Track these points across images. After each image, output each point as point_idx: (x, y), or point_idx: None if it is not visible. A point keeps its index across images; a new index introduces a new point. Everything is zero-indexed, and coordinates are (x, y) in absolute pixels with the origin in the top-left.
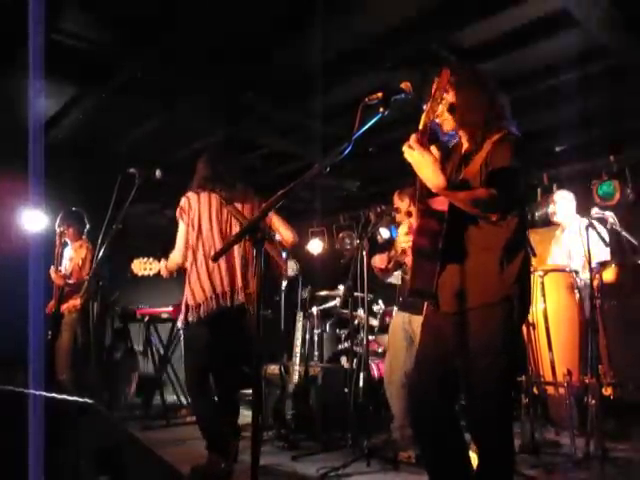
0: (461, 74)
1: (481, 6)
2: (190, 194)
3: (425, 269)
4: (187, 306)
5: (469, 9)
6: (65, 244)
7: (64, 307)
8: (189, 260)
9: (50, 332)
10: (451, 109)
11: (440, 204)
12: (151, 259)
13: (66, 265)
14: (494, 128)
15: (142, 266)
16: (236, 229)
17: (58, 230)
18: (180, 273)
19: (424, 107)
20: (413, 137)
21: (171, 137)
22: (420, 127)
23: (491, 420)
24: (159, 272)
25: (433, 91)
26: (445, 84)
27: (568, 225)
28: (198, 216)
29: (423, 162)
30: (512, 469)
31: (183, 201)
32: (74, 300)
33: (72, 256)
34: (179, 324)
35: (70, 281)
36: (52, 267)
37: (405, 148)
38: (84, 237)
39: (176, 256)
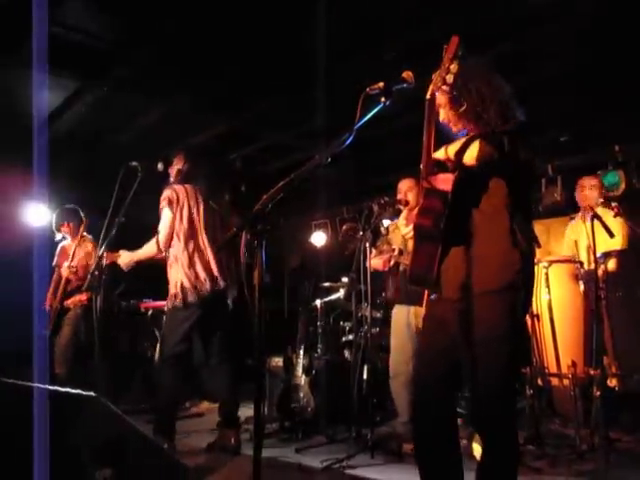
0: (470, 68)
1: None
2: (176, 187)
3: (426, 252)
4: (183, 288)
5: None
6: (64, 239)
7: (69, 301)
8: (179, 248)
9: (50, 327)
10: (458, 108)
11: (444, 183)
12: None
13: (73, 260)
14: (504, 123)
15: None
16: (219, 222)
17: (64, 226)
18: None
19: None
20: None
21: (173, 130)
22: (427, 96)
23: (495, 409)
24: (114, 261)
25: (443, 59)
26: (454, 52)
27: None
28: (188, 208)
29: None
30: (517, 458)
31: (170, 192)
32: (80, 295)
33: (76, 252)
34: (170, 304)
35: (80, 274)
36: (65, 263)
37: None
38: (84, 233)
39: (161, 241)
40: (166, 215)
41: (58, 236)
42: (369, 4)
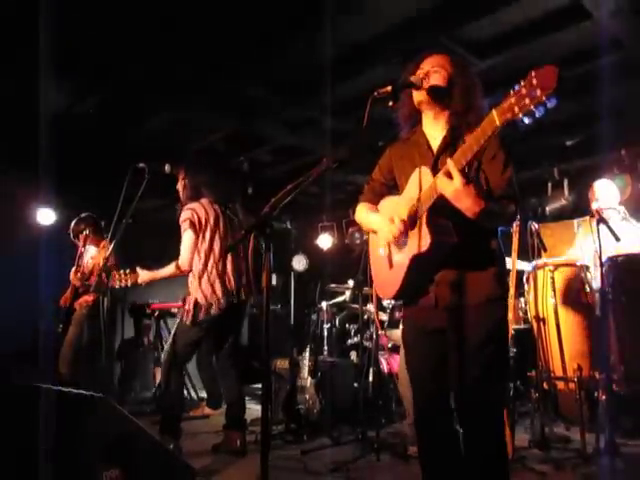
0: (459, 62)
1: None
2: (194, 206)
3: (423, 266)
4: (197, 305)
5: (479, 2)
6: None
7: (77, 303)
8: (199, 266)
9: (61, 325)
10: (435, 92)
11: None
12: (128, 271)
13: (88, 263)
14: (476, 120)
15: (120, 278)
16: (237, 229)
17: (82, 234)
18: None
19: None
20: (450, 163)
21: (181, 132)
22: (498, 123)
23: (490, 407)
24: (136, 282)
25: (528, 87)
26: (554, 85)
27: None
28: (210, 227)
29: (464, 192)
30: (507, 462)
31: (190, 214)
32: (87, 296)
33: (94, 255)
34: (182, 318)
35: (88, 282)
36: (73, 268)
37: (441, 177)
38: (106, 238)
39: (183, 264)
40: (189, 237)
41: (79, 243)
42: (378, 6)
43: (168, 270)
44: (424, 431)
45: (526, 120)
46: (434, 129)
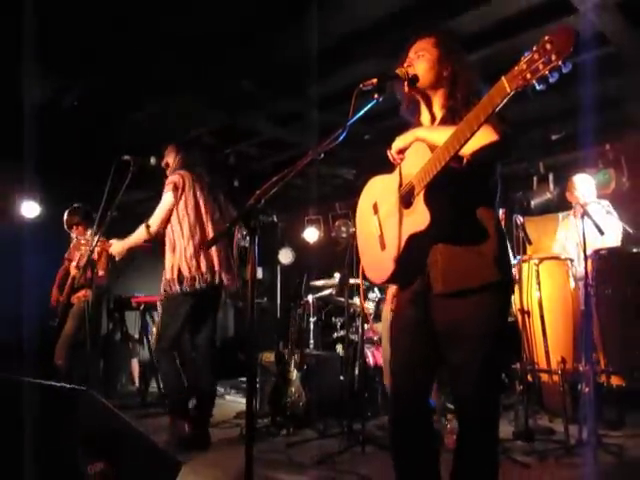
0: (445, 41)
1: None
2: (184, 172)
3: (417, 246)
4: (181, 275)
5: None
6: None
7: (74, 297)
8: (185, 235)
9: (57, 320)
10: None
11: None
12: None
13: (79, 258)
14: (473, 101)
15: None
16: (218, 215)
17: (76, 225)
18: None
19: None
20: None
21: (168, 125)
22: (509, 90)
23: (487, 408)
24: (105, 251)
25: (544, 50)
26: (570, 47)
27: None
28: (194, 195)
29: (414, 134)
30: (497, 460)
31: (177, 178)
32: (84, 290)
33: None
34: (165, 289)
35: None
36: (73, 262)
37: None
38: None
39: (154, 223)
40: (167, 199)
41: (73, 234)
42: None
43: (138, 234)
44: (399, 432)
45: (538, 87)
46: (431, 115)
